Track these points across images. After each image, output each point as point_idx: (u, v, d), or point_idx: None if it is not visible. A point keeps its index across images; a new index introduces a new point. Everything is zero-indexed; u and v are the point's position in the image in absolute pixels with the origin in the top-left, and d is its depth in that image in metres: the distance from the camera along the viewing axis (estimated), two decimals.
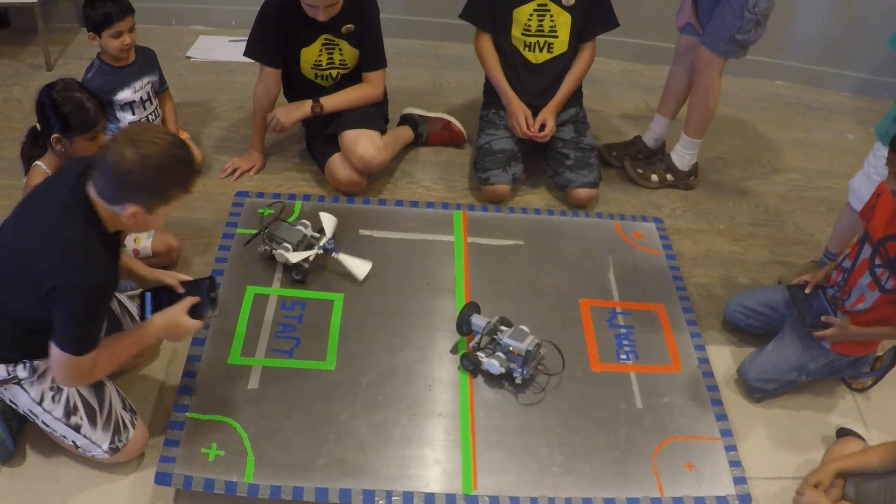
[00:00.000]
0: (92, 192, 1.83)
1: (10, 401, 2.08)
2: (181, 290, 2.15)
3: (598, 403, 2.39)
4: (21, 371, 1.99)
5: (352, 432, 2.23)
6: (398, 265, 2.72)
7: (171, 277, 2.18)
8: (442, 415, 2.31)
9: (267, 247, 2.66)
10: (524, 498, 2.13)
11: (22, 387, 2.03)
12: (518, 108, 3.11)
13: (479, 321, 2.47)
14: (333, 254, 2.68)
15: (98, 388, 2.10)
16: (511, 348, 2.37)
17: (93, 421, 2.07)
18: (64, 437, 2.09)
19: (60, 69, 3.77)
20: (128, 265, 2.18)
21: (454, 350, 2.49)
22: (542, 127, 3.10)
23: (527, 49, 3.12)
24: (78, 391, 2.06)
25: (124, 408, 2.15)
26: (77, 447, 2.10)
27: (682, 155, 3.31)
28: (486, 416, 2.32)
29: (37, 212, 1.88)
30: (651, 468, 2.24)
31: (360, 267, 2.67)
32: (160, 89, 3.05)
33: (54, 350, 1.85)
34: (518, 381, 2.39)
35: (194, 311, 2.08)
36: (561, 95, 3.15)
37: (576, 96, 3.26)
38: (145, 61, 2.95)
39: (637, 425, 2.34)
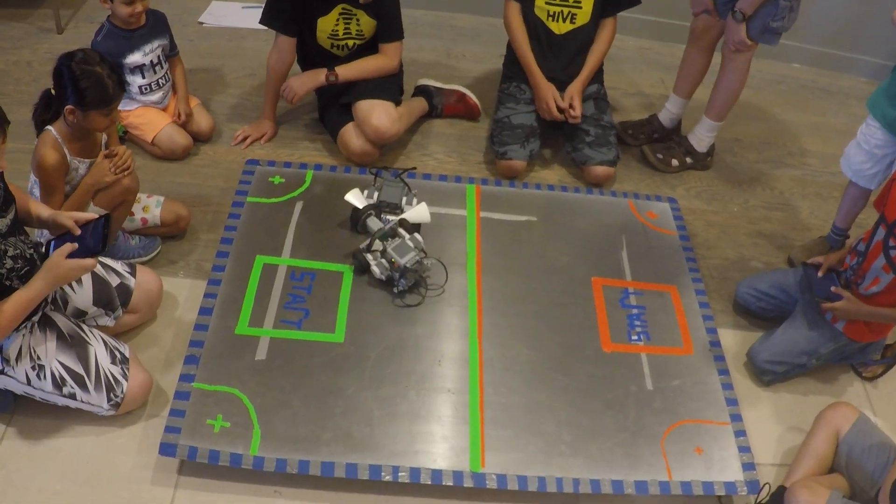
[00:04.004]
0: None
1: (6, 389, 2.09)
2: (77, 232, 2.03)
3: (608, 384, 2.37)
4: None
5: (359, 406, 2.21)
6: None
7: (68, 218, 2.06)
8: (450, 391, 2.29)
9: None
10: (532, 476, 2.12)
11: (6, 374, 2.03)
12: (547, 91, 3.07)
13: (373, 224, 2.55)
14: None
15: (81, 350, 2.09)
16: (392, 260, 2.46)
17: (83, 386, 2.07)
18: (67, 406, 2.10)
19: (71, 33, 3.73)
20: (32, 209, 2.10)
21: (463, 325, 2.47)
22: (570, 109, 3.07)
23: (550, 19, 3.07)
24: (59, 361, 2.05)
25: (113, 361, 2.13)
26: (83, 411, 2.11)
27: (702, 138, 3.27)
28: (495, 393, 2.30)
29: None
30: (660, 451, 2.22)
31: (419, 213, 2.66)
32: (170, 53, 3.02)
33: None
34: (396, 290, 2.51)
35: (82, 252, 1.96)
36: (586, 72, 3.12)
37: (597, 73, 3.22)
38: (156, 25, 2.91)
39: (647, 407, 2.32)
